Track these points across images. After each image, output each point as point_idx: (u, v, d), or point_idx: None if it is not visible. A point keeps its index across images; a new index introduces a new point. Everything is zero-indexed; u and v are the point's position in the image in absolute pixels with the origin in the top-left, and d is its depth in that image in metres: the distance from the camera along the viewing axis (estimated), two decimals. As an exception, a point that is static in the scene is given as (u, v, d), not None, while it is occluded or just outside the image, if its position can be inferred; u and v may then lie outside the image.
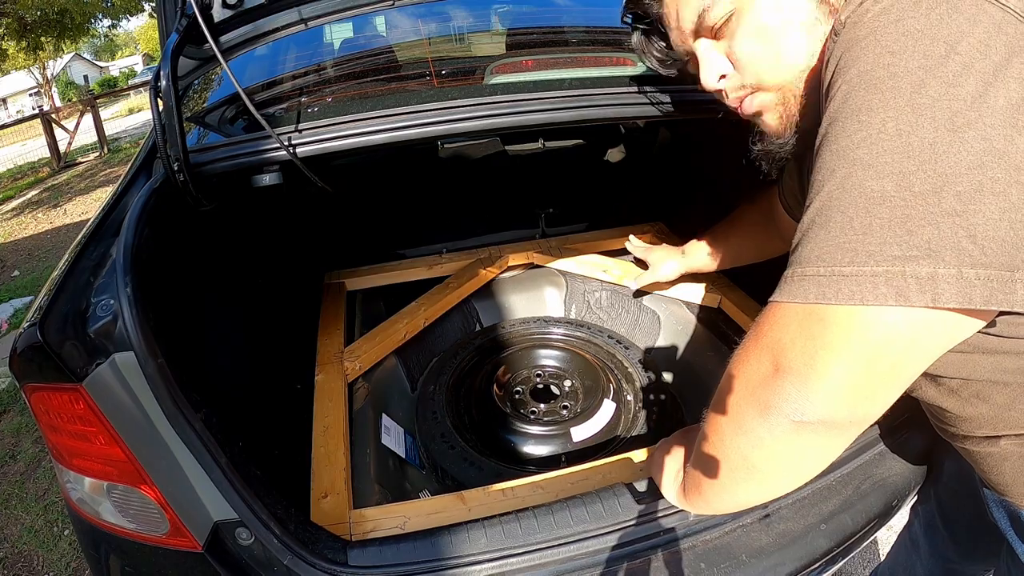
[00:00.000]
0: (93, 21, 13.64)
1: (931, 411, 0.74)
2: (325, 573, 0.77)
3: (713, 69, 0.71)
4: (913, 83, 0.47)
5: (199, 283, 1.10)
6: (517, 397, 1.41)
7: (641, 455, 1.00)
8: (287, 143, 0.92)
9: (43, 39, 12.56)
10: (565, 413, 1.35)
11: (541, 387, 1.47)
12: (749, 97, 0.70)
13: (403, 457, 1.24)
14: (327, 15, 1.32)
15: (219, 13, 1.17)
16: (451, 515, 0.90)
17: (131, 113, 18.27)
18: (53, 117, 9.88)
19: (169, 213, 0.92)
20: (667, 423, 1.30)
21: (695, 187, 1.87)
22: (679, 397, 1.42)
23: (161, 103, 0.86)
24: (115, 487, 0.81)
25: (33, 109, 21.05)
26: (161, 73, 0.84)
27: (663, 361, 1.54)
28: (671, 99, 1.01)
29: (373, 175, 1.73)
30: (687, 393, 1.43)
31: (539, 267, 1.73)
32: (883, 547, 1.63)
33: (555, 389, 1.47)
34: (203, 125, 1.09)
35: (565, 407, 1.36)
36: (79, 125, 10.15)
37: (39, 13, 11.52)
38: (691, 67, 0.77)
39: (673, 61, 0.83)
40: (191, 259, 1.07)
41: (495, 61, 1.26)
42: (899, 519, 1.12)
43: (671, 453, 0.82)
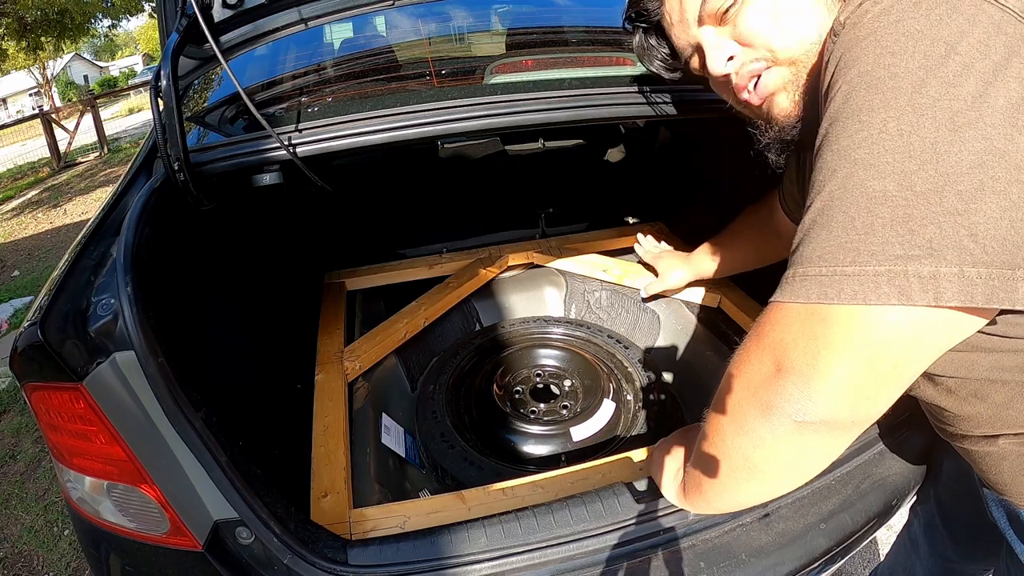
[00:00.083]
0: (93, 21, 13.65)
1: (930, 410, 0.74)
2: (325, 572, 0.77)
3: (721, 53, 0.70)
4: (914, 83, 0.47)
5: (199, 283, 1.10)
6: (517, 397, 1.41)
7: (641, 455, 1.00)
8: (287, 143, 0.92)
9: (43, 39, 12.57)
10: (565, 413, 1.35)
11: (541, 387, 1.47)
12: (765, 73, 0.68)
13: (403, 456, 1.24)
14: (327, 15, 1.33)
15: (219, 13, 1.17)
16: (451, 514, 0.91)
17: (131, 113, 18.27)
18: (53, 117, 9.88)
19: (169, 213, 0.92)
20: (667, 423, 1.30)
21: (695, 187, 1.87)
22: (679, 397, 1.42)
23: (161, 103, 0.87)
24: (115, 486, 0.81)
25: (33, 109, 21.05)
26: (161, 73, 0.84)
27: (663, 361, 1.54)
28: (671, 99, 1.02)
29: (373, 175, 1.74)
30: (687, 393, 1.43)
31: (539, 267, 1.73)
32: (883, 547, 1.64)
33: (555, 389, 1.47)
34: (203, 125, 1.09)
35: (565, 407, 1.36)
36: (79, 125, 10.15)
37: (39, 13, 11.52)
38: (694, 65, 0.77)
39: (675, 64, 0.83)
40: (191, 259, 1.07)
41: (495, 61, 1.26)
42: (899, 519, 1.12)
43: (671, 453, 0.83)
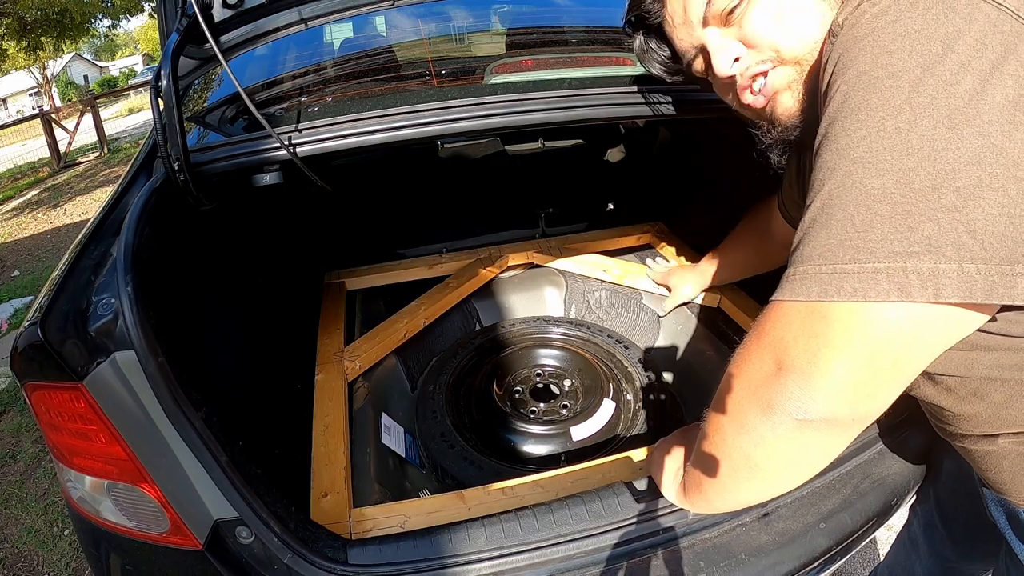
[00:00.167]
0: (93, 21, 13.64)
1: (929, 410, 0.74)
2: (325, 571, 0.77)
3: (727, 54, 0.69)
4: (911, 82, 0.47)
5: (199, 282, 1.10)
6: (517, 396, 1.41)
7: (641, 454, 1.00)
8: (287, 143, 0.92)
9: (43, 39, 12.57)
10: (565, 412, 1.35)
11: (541, 386, 1.47)
12: (772, 72, 0.68)
13: (403, 456, 1.24)
14: (327, 15, 1.33)
15: (219, 13, 1.17)
16: (451, 514, 0.91)
17: (131, 113, 18.27)
18: (53, 117, 9.87)
19: (170, 212, 0.92)
20: (667, 422, 1.30)
21: (695, 187, 1.87)
22: (679, 397, 1.42)
23: (161, 103, 0.87)
24: (116, 486, 0.81)
25: (33, 109, 21.04)
26: (161, 73, 0.84)
27: (663, 361, 1.54)
28: (671, 99, 1.02)
29: (373, 175, 1.74)
30: (687, 393, 1.43)
31: (539, 267, 1.73)
32: (882, 547, 1.64)
33: (555, 388, 1.48)
34: (203, 125, 1.09)
35: (565, 406, 1.37)
36: (79, 125, 10.14)
37: (39, 13, 11.52)
38: (697, 67, 0.76)
39: (676, 67, 0.83)
40: (191, 258, 1.07)
41: (495, 61, 1.27)
42: (898, 518, 1.12)
43: (671, 452, 0.83)
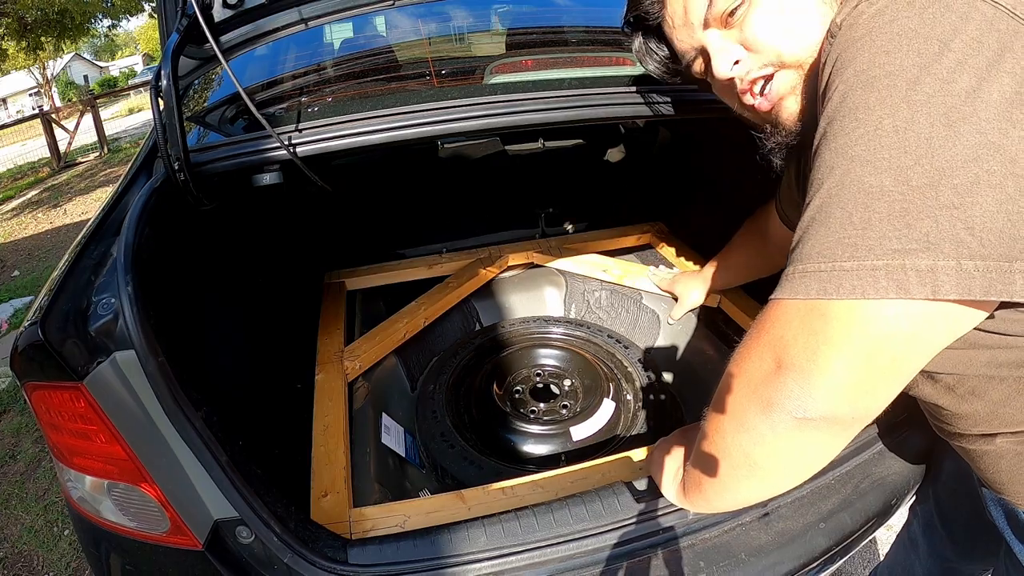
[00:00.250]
0: (93, 21, 13.63)
1: (928, 409, 0.74)
2: (325, 571, 0.77)
3: (727, 57, 0.69)
4: (908, 80, 0.47)
5: (200, 282, 1.10)
6: (517, 396, 1.41)
7: (640, 454, 1.00)
8: (287, 143, 0.92)
9: (43, 39, 12.56)
10: (565, 412, 1.35)
11: (541, 386, 1.47)
12: (776, 77, 0.68)
13: (403, 456, 1.24)
14: (327, 15, 1.33)
15: (219, 13, 1.17)
16: (451, 514, 0.91)
17: (131, 113, 18.27)
18: (53, 117, 9.87)
19: (170, 212, 0.92)
20: (667, 422, 1.31)
21: (695, 187, 1.87)
22: (679, 396, 1.42)
23: (162, 103, 0.87)
24: (116, 485, 0.81)
25: (33, 109, 21.03)
26: (162, 73, 0.84)
27: (663, 360, 1.54)
28: (671, 99, 1.02)
29: (373, 175, 1.74)
30: (687, 392, 1.43)
31: (539, 267, 1.73)
32: (882, 547, 1.64)
33: (555, 388, 1.48)
34: (204, 125, 1.09)
35: (565, 406, 1.37)
36: (79, 125, 10.14)
37: (39, 13, 11.51)
38: (697, 68, 0.76)
39: (675, 68, 0.83)
40: (192, 258, 1.07)
41: (495, 61, 1.27)
42: (898, 518, 1.12)
43: (670, 452, 0.83)
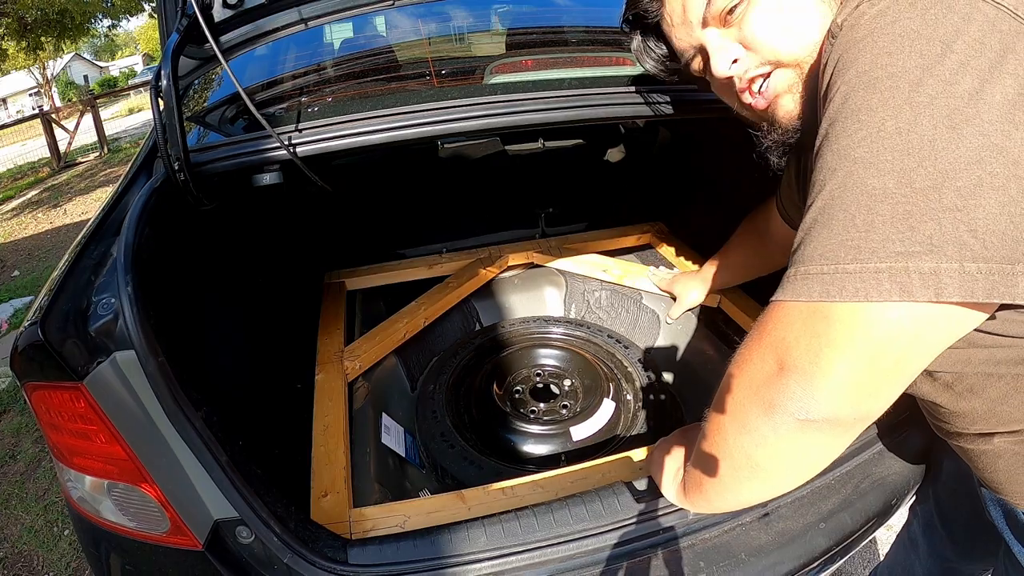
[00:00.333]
0: (93, 21, 13.63)
1: (926, 407, 0.74)
2: (325, 571, 0.77)
3: (725, 55, 0.69)
4: (911, 82, 0.47)
5: (200, 282, 1.10)
6: (517, 396, 1.41)
7: (640, 454, 1.00)
8: (287, 143, 0.92)
9: (43, 39, 12.56)
10: (565, 412, 1.35)
11: (541, 386, 1.47)
12: (773, 75, 0.68)
13: (403, 456, 1.24)
14: (327, 15, 1.33)
15: (219, 13, 1.17)
16: (451, 514, 0.91)
17: (131, 113, 18.26)
18: (53, 117, 9.87)
19: (170, 212, 0.92)
20: (667, 422, 1.31)
21: (695, 187, 1.87)
22: (679, 396, 1.42)
23: (161, 103, 0.87)
24: (116, 485, 0.81)
25: (33, 109, 21.03)
26: (162, 73, 0.84)
27: (663, 361, 1.54)
28: (671, 99, 1.02)
29: (373, 175, 1.74)
30: (687, 393, 1.43)
31: (539, 267, 1.73)
32: (882, 546, 1.64)
33: (555, 388, 1.48)
34: (203, 125, 1.09)
35: (565, 406, 1.37)
36: (79, 125, 10.14)
37: (39, 13, 11.51)
38: (695, 67, 0.76)
39: (674, 66, 0.83)
40: (192, 258, 1.07)
41: (494, 61, 1.27)
42: (898, 518, 1.12)
43: (671, 452, 0.83)
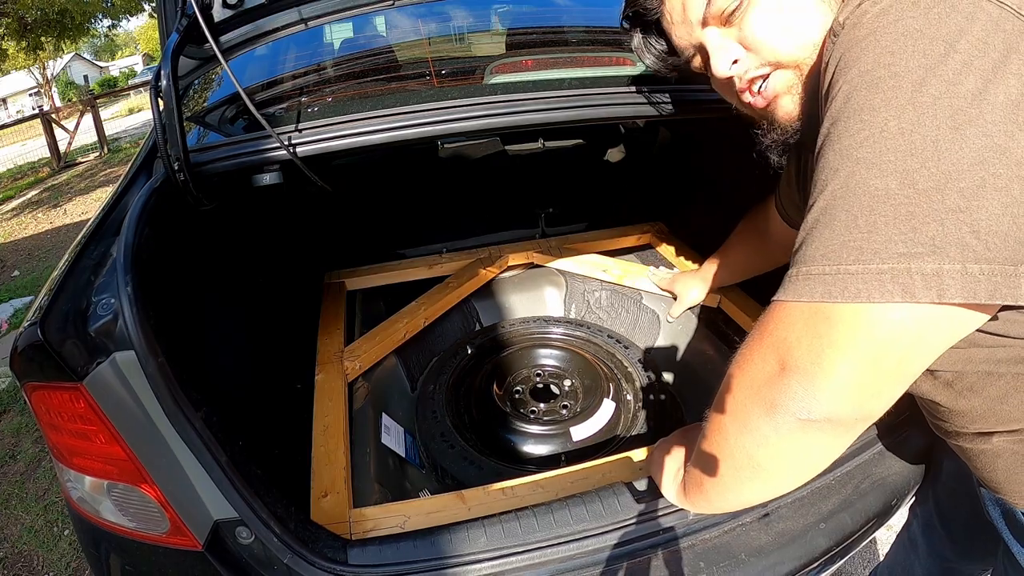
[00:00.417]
0: (93, 21, 13.63)
1: (926, 406, 0.74)
2: (325, 572, 0.77)
3: (726, 55, 0.69)
4: (914, 82, 0.47)
5: (200, 282, 1.10)
6: (517, 396, 1.41)
7: (641, 454, 1.00)
8: (287, 143, 0.92)
9: (43, 39, 12.55)
10: (565, 412, 1.35)
11: (541, 386, 1.47)
12: (772, 76, 0.68)
13: (403, 456, 1.24)
14: (327, 15, 1.33)
15: (219, 13, 1.17)
16: (451, 514, 0.91)
17: (131, 113, 18.26)
18: (53, 117, 9.87)
19: (170, 212, 0.92)
20: (667, 422, 1.30)
21: (695, 187, 1.87)
22: (679, 396, 1.42)
23: (161, 103, 0.86)
24: (115, 486, 0.81)
25: (33, 109, 21.02)
26: (161, 73, 0.84)
27: (663, 361, 1.54)
28: (670, 99, 1.01)
29: (373, 175, 1.74)
30: (687, 392, 1.43)
31: (539, 267, 1.73)
32: (882, 547, 1.64)
33: (555, 388, 1.47)
34: (203, 125, 1.09)
35: (565, 406, 1.36)
36: (79, 125, 10.14)
37: (39, 13, 11.50)
38: (695, 64, 0.76)
39: (674, 62, 0.83)
40: (192, 258, 1.07)
41: (495, 61, 1.26)
42: (898, 518, 1.12)
43: (671, 452, 0.83)
